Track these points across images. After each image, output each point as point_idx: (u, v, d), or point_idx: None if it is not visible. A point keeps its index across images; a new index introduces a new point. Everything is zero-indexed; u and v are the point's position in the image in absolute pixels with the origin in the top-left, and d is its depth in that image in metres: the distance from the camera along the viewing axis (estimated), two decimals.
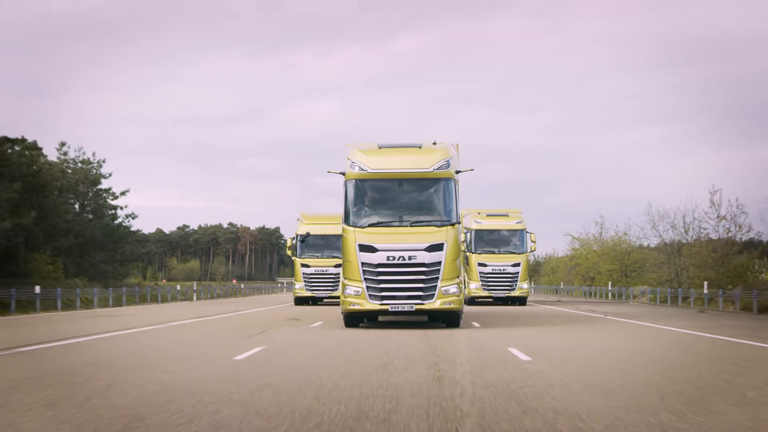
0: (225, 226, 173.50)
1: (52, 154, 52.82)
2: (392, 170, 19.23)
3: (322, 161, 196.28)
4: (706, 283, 39.92)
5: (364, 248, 18.92)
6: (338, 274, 36.12)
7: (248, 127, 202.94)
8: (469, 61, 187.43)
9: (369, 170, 19.24)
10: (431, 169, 19.24)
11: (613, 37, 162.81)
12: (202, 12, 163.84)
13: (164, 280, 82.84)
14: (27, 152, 44.57)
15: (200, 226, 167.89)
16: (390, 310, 19.28)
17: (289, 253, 40.40)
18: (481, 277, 39.29)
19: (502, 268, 39.37)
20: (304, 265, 39.25)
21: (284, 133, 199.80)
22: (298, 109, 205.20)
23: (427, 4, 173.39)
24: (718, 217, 44.09)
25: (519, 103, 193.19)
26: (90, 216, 55.69)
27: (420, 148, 19.53)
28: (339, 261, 37.21)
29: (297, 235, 39.73)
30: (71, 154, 56.06)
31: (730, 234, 43.25)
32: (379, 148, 19.58)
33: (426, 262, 19.47)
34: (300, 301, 39.31)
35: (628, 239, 62.40)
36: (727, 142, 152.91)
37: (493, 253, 39.66)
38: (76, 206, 55.75)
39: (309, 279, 39.35)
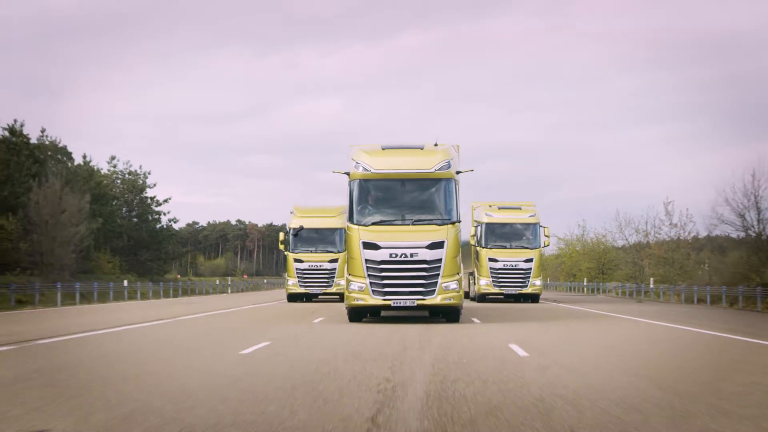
0: (233, 222, 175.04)
1: (78, 158, 62.07)
2: (395, 170, 20.15)
3: (325, 158, 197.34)
4: (651, 279, 50.48)
5: (368, 245, 19.99)
6: (333, 269, 36.83)
7: (251, 125, 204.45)
8: (471, 60, 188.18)
9: (373, 170, 20.16)
10: (433, 170, 20.15)
11: (615, 36, 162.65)
12: (205, 10, 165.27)
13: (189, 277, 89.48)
14: (60, 156, 55.18)
15: (209, 222, 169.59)
16: (392, 305, 20.31)
17: (281, 247, 38.91)
18: (491, 273, 37.74)
19: (513, 263, 37.70)
20: (297, 260, 37.98)
21: (287, 130, 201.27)
22: (301, 106, 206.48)
23: (431, 3, 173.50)
24: (670, 224, 55.21)
25: (521, 101, 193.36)
26: (135, 220, 66.69)
27: (422, 149, 20.45)
28: (334, 256, 36.87)
29: (290, 229, 38.42)
30: (120, 167, 67.78)
31: (680, 237, 53.59)
32: (383, 149, 20.51)
33: (427, 259, 20.47)
34: (293, 298, 38.28)
35: (605, 240, 70.85)
36: (727, 141, 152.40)
37: (505, 247, 38.03)
38: (124, 211, 67.25)
39: (302, 275, 37.98)
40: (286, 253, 38.29)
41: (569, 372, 10.34)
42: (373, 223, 20.40)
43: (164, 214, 70.60)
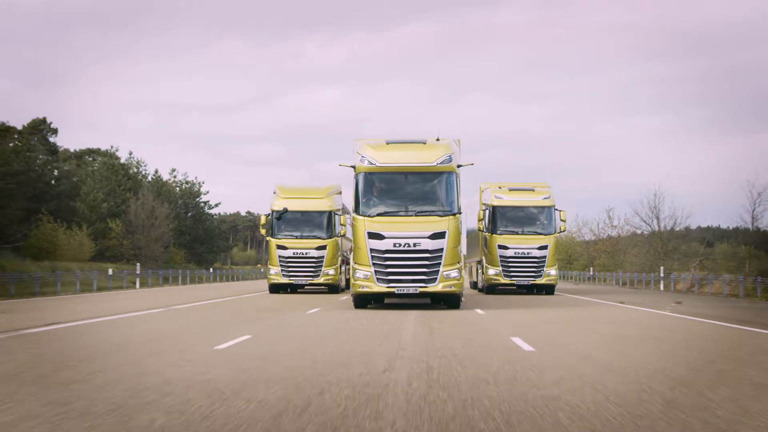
0: (243, 214, 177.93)
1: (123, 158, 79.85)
2: (399, 164, 21.41)
3: (328, 148, 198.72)
4: (591, 268, 64.07)
5: (373, 236, 21.25)
6: (321, 258, 34.41)
7: (253, 114, 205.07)
8: (472, 50, 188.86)
9: (377, 164, 21.39)
10: (435, 164, 21.38)
11: (615, 27, 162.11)
12: (207, 0, 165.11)
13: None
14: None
15: (219, 214, 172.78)
16: (396, 292, 22.38)
17: (262, 232, 36.04)
18: (501, 261, 34.51)
19: (526, 251, 34.46)
20: (280, 247, 34.72)
21: (289, 120, 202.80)
22: (303, 96, 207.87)
23: None
24: (612, 226, 73.79)
25: (520, 92, 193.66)
26: (191, 220, 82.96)
27: (424, 143, 21.63)
28: (322, 242, 34.36)
29: (272, 212, 35.13)
30: (179, 177, 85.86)
31: (619, 235, 72.51)
32: (387, 143, 21.73)
33: (429, 248, 22.26)
34: (275, 288, 35.55)
35: (573, 236, 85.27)
36: (726, 131, 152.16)
37: (517, 233, 34.77)
38: (184, 213, 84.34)
39: (286, 263, 34.67)
40: (267, 238, 35.48)
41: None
42: (378, 214, 21.69)
43: (215, 216, 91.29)
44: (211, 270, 70.39)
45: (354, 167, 22.84)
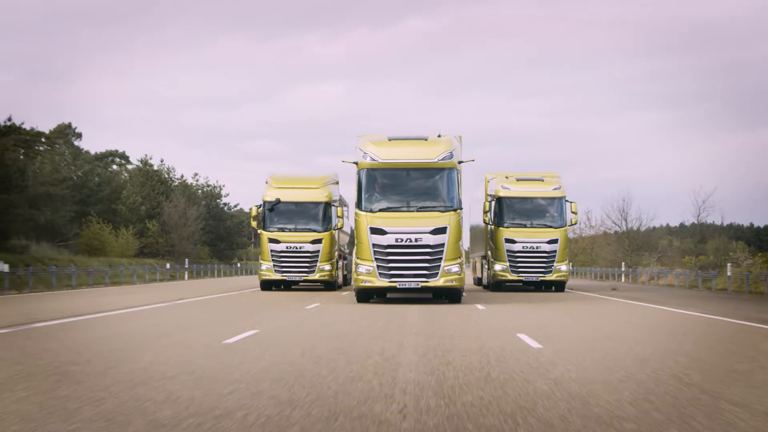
0: (246, 210, 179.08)
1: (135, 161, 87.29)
2: (401, 160, 21.78)
3: (329, 143, 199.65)
4: (570, 263, 60.10)
5: (375, 231, 21.64)
6: (317, 252, 32.53)
7: (254, 110, 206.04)
8: (473, 46, 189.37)
9: (380, 160, 21.76)
10: (436, 160, 21.71)
11: (616, 23, 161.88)
12: None
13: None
14: (119, 160, 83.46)
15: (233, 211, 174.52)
16: (398, 287, 22.47)
17: (253, 224, 33.94)
18: (509, 256, 32.83)
19: (535, 245, 32.70)
20: (272, 240, 32.68)
21: (290, 115, 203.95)
22: (304, 91, 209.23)
23: None
24: (590, 227, 78.65)
25: (521, 87, 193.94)
26: (214, 220, 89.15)
27: (426, 140, 21.99)
28: (317, 235, 32.52)
29: (264, 202, 33.26)
30: (201, 180, 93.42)
31: (596, 234, 78.92)
32: (389, 140, 22.11)
33: (431, 243, 23.12)
34: (267, 285, 33.74)
35: None
36: (725, 128, 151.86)
37: (525, 226, 33.05)
38: (206, 213, 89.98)
39: (279, 258, 32.62)
40: (259, 231, 33.62)
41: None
42: (380, 210, 22.07)
43: (234, 216, 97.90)
44: (238, 264, 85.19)
45: (356, 163, 23.18)
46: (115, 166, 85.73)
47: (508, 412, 7.02)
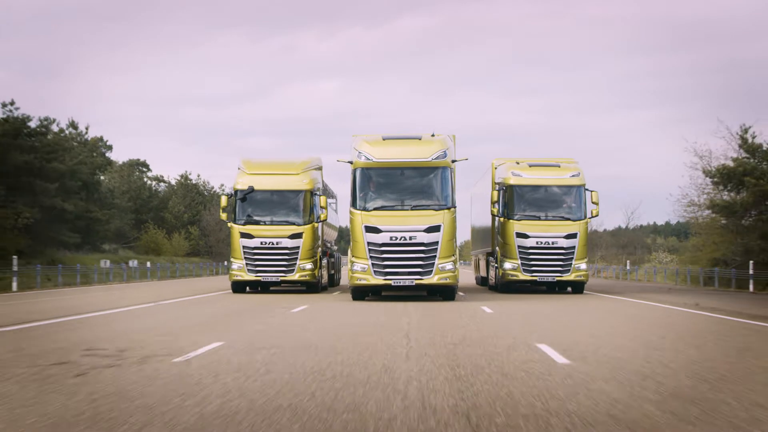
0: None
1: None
2: (395, 160, 22.23)
3: (324, 140, 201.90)
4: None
5: (370, 229, 22.17)
6: (296, 248, 29.13)
7: (250, 107, 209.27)
8: (469, 43, 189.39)
9: (374, 159, 22.23)
10: (430, 159, 22.13)
11: (611, 20, 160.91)
12: None
13: None
14: (142, 168, 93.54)
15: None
16: (393, 284, 22.68)
17: (223, 217, 30.48)
18: (520, 253, 29.58)
19: (551, 240, 29.38)
20: (244, 235, 29.19)
21: (286, 113, 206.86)
22: (300, 89, 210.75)
23: None
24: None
25: (517, 84, 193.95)
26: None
27: (420, 139, 22.42)
28: (297, 229, 29.21)
29: (235, 191, 29.94)
30: (227, 190, 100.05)
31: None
32: (383, 139, 22.60)
33: (425, 242, 24.46)
34: (239, 287, 30.39)
35: None
36: (721, 126, 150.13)
37: (539, 218, 29.74)
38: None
39: (252, 255, 29.17)
40: (229, 225, 30.05)
41: None
42: (375, 209, 22.60)
43: None
44: None
45: (351, 163, 23.53)
46: (136, 173, 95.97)
47: None
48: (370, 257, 23.68)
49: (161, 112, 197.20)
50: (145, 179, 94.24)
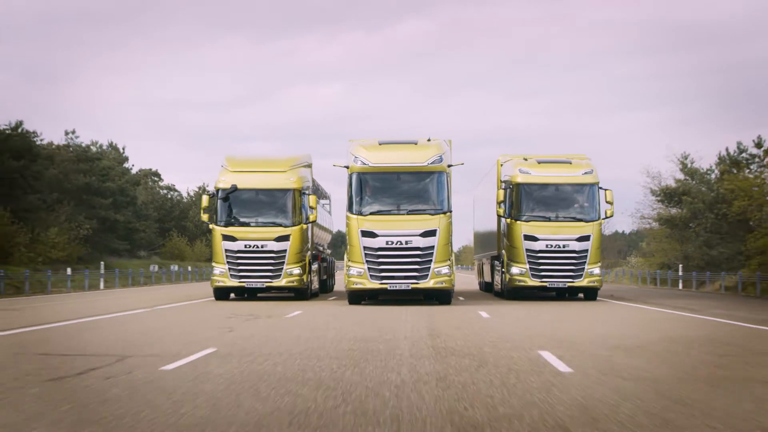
0: None
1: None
2: (391, 164, 22.44)
3: (324, 144, 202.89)
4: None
5: (366, 234, 22.42)
6: (283, 252, 27.30)
7: (251, 111, 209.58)
8: (469, 47, 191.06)
9: (370, 164, 22.40)
10: (426, 164, 22.30)
11: (611, 23, 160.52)
12: None
13: None
14: (154, 177, 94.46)
15: None
16: (389, 288, 22.85)
17: (204, 218, 28.75)
18: (528, 256, 27.84)
19: (561, 243, 27.59)
20: (227, 238, 27.41)
21: (286, 117, 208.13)
22: (300, 93, 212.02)
23: None
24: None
25: (518, 87, 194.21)
26: None
27: (416, 144, 22.58)
28: (284, 231, 27.47)
29: (218, 190, 28.12)
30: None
31: None
32: (380, 144, 22.76)
33: (421, 246, 25.04)
34: (222, 293, 28.69)
35: None
36: (722, 127, 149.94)
37: (548, 219, 28.01)
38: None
39: (236, 260, 27.39)
40: (211, 226, 28.38)
41: None
42: (371, 213, 22.84)
43: None
44: None
45: (347, 167, 23.68)
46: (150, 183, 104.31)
47: None
48: (367, 261, 24.18)
49: (162, 115, 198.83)
50: (158, 189, 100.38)
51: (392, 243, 23.78)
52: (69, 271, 40.37)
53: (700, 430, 6.74)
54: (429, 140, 24.95)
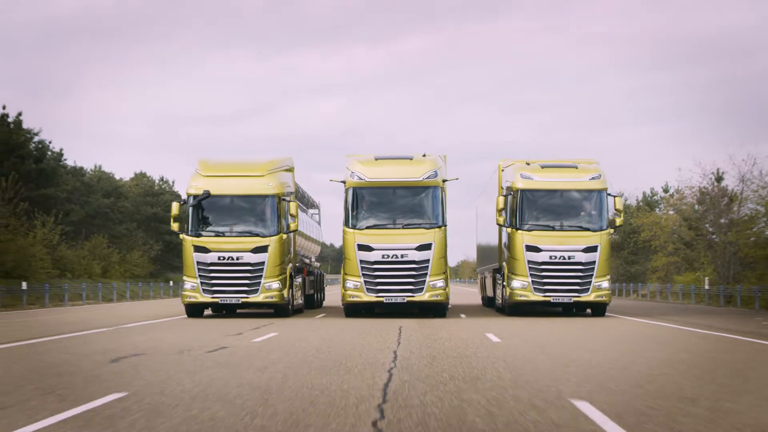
0: None
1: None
2: (387, 179, 22.93)
3: (327, 158, 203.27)
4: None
5: (362, 247, 22.94)
6: (261, 264, 25.25)
7: (252, 125, 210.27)
8: (471, 62, 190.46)
9: (366, 179, 22.88)
10: (421, 179, 22.79)
11: (612, 37, 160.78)
12: (209, 11, 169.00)
13: None
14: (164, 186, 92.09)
15: None
16: (385, 301, 23.46)
17: (174, 227, 26.42)
18: (531, 269, 26.01)
19: (567, 254, 25.74)
20: (199, 249, 25.37)
21: (289, 131, 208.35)
22: (303, 107, 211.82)
23: (432, 7, 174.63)
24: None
25: (519, 102, 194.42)
26: None
27: (411, 159, 23.11)
28: (262, 242, 25.36)
29: (189, 197, 26.14)
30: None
31: None
32: (376, 159, 23.27)
33: (416, 259, 25.65)
34: (194, 310, 26.65)
35: None
36: (725, 140, 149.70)
37: (553, 229, 26.16)
38: None
39: (208, 273, 25.29)
40: (181, 236, 26.31)
41: None
42: (367, 227, 23.39)
43: None
44: None
45: (344, 182, 24.06)
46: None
47: None
48: (363, 275, 24.83)
49: (162, 129, 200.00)
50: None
51: (388, 257, 24.39)
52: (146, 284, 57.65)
53: None
54: (424, 156, 25.54)
